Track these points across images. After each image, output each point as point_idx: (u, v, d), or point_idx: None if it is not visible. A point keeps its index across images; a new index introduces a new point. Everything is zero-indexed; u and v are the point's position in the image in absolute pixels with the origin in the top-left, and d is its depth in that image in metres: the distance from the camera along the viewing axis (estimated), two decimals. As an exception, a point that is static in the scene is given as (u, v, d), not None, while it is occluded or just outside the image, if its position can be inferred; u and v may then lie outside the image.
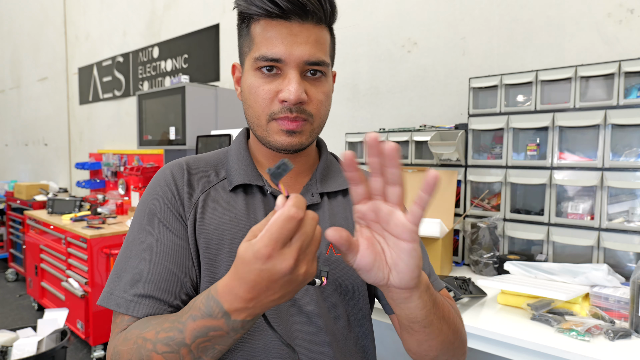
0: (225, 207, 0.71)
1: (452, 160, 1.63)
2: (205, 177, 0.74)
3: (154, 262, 0.66)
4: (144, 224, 0.69)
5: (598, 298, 1.12)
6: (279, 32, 0.66)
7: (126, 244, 0.70)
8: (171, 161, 0.76)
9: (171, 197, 0.70)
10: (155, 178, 0.74)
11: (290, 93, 0.65)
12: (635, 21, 1.42)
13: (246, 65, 0.71)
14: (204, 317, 0.53)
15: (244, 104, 0.72)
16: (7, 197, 4.61)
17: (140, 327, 0.61)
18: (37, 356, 1.95)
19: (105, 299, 0.66)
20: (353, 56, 2.20)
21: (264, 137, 0.71)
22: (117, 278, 0.67)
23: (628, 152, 1.33)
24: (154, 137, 2.78)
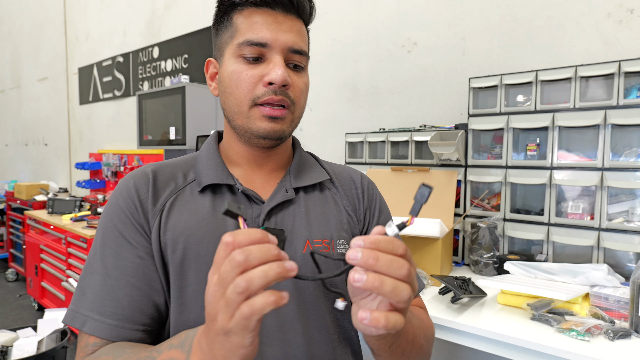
0: (192, 210, 0.69)
1: (452, 160, 1.63)
2: (173, 181, 0.72)
3: (116, 277, 0.64)
4: (105, 239, 0.67)
5: (598, 298, 1.12)
6: (264, 19, 0.67)
7: (89, 259, 0.67)
8: (132, 172, 0.73)
9: (132, 209, 0.67)
10: (117, 188, 0.71)
11: (277, 75, 0.65)
12: (635, 21, 1.42)
13: (226, 54, 0.70)
14: (177, 347, 0.52)
15: (223, 94, 0.71)
16: (7, 197, 4.61)
17: (112, 354, 0.58)
18: (37, 356, 1.95)
19: (70, 317, 0.64)
20: (353, 56, 2.20)
21: (244, 126, 0.69)
22: (82, 295, 0.64)
23: (628, 152, 1.33)
24: (154, 137, 2.78)
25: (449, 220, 1.51)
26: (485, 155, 1.61)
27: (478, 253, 1.48)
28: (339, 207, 0.78)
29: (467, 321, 1.09)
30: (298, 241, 0.70)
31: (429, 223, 1.35)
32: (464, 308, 1.18)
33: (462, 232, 1.63)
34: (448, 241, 1.48)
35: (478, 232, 1.49)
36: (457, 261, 1.64)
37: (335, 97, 2.30)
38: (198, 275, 0.65)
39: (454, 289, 1.15)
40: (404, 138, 1.76)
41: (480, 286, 1.25)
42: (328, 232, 0.73)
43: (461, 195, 1.64)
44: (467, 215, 1.61)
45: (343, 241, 0.74)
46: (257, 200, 0.71)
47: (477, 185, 1.65)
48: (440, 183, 1.60)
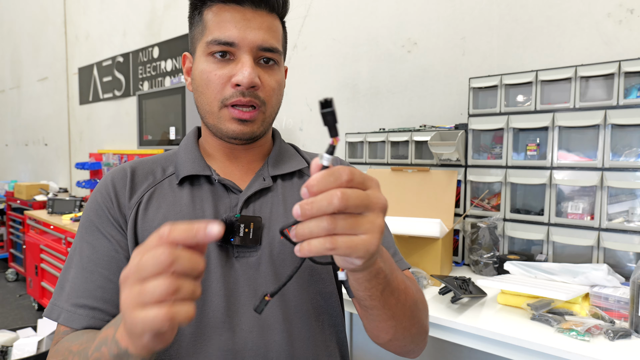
0: (171, 202, 0.69)
1: (452, 160, 1.63)
2: (151, 176, 0.73)
3: (90, 270, 0.65)
4: (82, 233, 0.69)
5: (598, 298, 1.12)
6: (232, 17, 0.66)
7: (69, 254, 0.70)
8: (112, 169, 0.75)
9: (109, 203, 0.69)
10: (97, 185, 0.73)
11: (243, 76, 0.64)
12: (635, 21, 1.42)
13: (198, 51, 0.69)
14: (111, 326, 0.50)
15: (195, 91, 0.71)
16: (7, 197, 4.61)
17: (71, 340, 0.60)
18: (37, 356, 1.95)
19: (49, 310, 0.66)
20: (353, 56, 2.20)
21: (215, 125, 0.69)
22: (61, 289, 0.67)
23: (628, 152, 1.33)
24: (154, 137, 2.78)
25: (449, 220, 1.51)
26: (485, 155, 1.61)
27: (478, 253, 1.48)
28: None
29: (467, 321, 1.09)
30: (275, 228, 0.70)
31: (429, 223, 1.35)
32: (464, 308, 1.18)
33: (462, 232, 1.63)
34: (448, 241, 1.48)
35: (478, 232, 1.49)
36: (457, 261, 1.64)
37: (335, 97, 2.30)
38: None
39: (454, 289, 1.15)
40: (404, 138, 1.76)
41: (480, 286, 1.25)
42: None
43: (461, 195, 1.64)
44: (467, 215, 1.61)
45: None
46: (235, 190, 0.71)
47: (477, 185, 1.65)
48: (440, 183, 1.60)
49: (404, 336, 0.65)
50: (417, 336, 0.68)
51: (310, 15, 2.37)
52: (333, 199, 0.38)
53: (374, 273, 0.52)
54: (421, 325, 0.68)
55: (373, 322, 0.62)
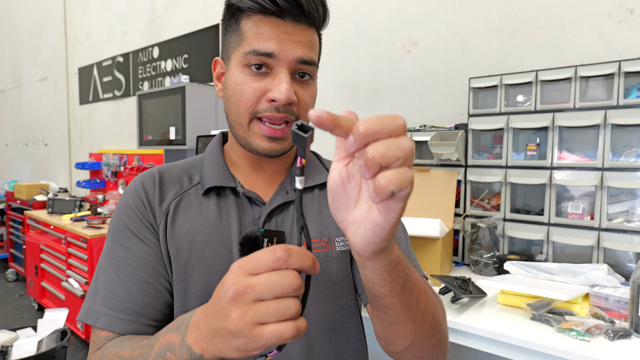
0: (197, 212, 0.69)
1: (452, 160, 1.63)
2: (178, 183, 0.72)
3: (129, 273, 0.65)
4: (116, 236, 0.68)
5: (598, 298, 1.12)
6: (273, 29, 0.64)
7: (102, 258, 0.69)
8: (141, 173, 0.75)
9: (141, 207, 0.69)
10: (127, 189, 0.72)
11: (281, 93, 0.63)
12: (635, 21, 1.42)
13: (233, 61, 0.68)
14: (174, 330, 0.51)
15: (227, 101, 0.69)
16: (7, 197, 4.61)
17: (118, 345, 0.59)
18: (37, 356, 1.95)
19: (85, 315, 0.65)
20: (353, 56, 2.20)
21: (244, 138, 0.68)
22: (95, 292, 0.66)
23: (628, 152, 1.33)
24: (154, 137, 2.78)
25: (449, 220, 1.51)
26: (485, 155, 1.61)
27: (478, 253, 1.48)
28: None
29: (467, 321, 1.09)
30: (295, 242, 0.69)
31: (429, 223, 1.35)
32: (464, 308, 1.18)
33: (462, 232, 1.63)
34: (448, 241, 1.48)
35: (478, 232, 1.49)
36: (457, 261, 1.64)
37: (335, 97, 2.30)
38: (202, 276, 0.66)
39: (454, 289, 1.15)
40: (404, 138, 1.76)
41: (480, 286, 1.25)
42: (326, 231, 0.73)
43: (461, 195, 1.64)
44: (467, 215, 1.61)
45: (342, 237, 0.73)
46: (259, 202, 0.71)
47: (477, 185, 1.65)
48: (440, 183, 1.60)
49: (422, 345, 0.60)
50: (437, 348, 0.63)
51: (310, 15, 2.37)
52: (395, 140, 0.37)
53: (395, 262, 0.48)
54: (442, 335, 0.63)
55: (390, 325, 0.56)
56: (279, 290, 0.40)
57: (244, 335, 0.40)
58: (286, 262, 0.40)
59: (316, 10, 0.65)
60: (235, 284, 0.41)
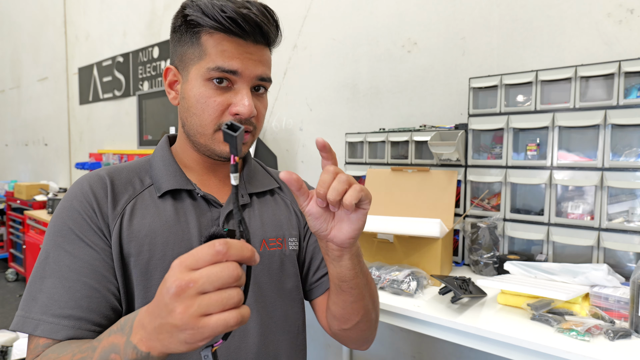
0: (155, 213, 0.71)
1: (452, 160, 1.63)
2: (130, 186, 0.74)
3: (73, 279, 0.64)
4: (59, 241, 0.67)
5: (598, 298, 1.12)
6: (236, 48, 0.69)
7: (39, 264, 0.67)
8: (87, 174, 0.74)
9: (90, 211, 0.68)
10: (71, 192, 0.71)
11: (244, 107, 0.69)
12: (635, 21, 1.42)
13: (192, 73, 0.71)
14: (117, 332, 0.52)
15: (186, 111, 0.73)
16: (7, 197, 4.61)
17: (58, 351, 0.58)
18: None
19: (20, 324, 0.62)
20: (353, 56, 2.20)
21: (207, 145, 0.73)
22: (32, 300, 0.63)
23: (628, 152, 1.33)
24: (154, 137, 2.78)
25: (449, 220, 1.51)
26: (485, 155, 1.61)
27: (478, 253, 1.48)
28: (288, 208, 0.87)
29: (467, 321, 1.09)
30: (255, 240, 0.77)
31: (429, 223, 1.35)
32: (464, 308, 1.18)
33: (462, 232, 1.63)
34: (448, 241, 1.48)
35: (478, 232, 1.49)
36: (457, 261, 1.64)
37: (335, 97, 2.30)
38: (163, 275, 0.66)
39: (454, 289, 1.15)
40: (404, 138, 1.76)
41: (480, 286, 1.25)
42: (281, 231, 0.82)
43: (461, 195, 1.64)
44: (467, 215, 1.61)
45: (293, 238, 0.84)
46: (216, 204, 0.76)
47: (477, 185, 1.65)
48: (440, 183, 1.60)
49: (367, 318, 0.76)
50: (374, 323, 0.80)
51: (310, 15, 2.37)
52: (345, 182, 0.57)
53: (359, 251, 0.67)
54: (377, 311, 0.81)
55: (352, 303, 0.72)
56: (220, 282, 0.42)
57: (189, 327, 0.42)
58: (225, 254, 0.43)
59: (273, 31, 0.72)
60: (177, 279, 0.43)
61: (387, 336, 2.08)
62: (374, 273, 1.37)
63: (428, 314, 1.15)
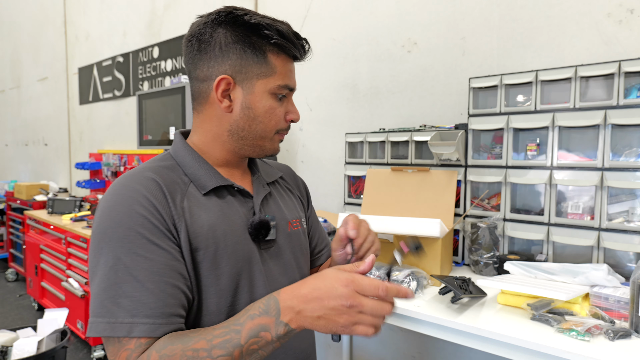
0: (208, 209, 0.78)
1: (452, 160, 1.63)
2: (177, 185, 0.77)
3: (154, 280, 0.66)
4: (129, 247, 0.67)
5: (598, 298, 1.12)
6: (293, 69, 0.85)
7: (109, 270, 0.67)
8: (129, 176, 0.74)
9: (156, 214, 0.70)
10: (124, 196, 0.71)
11: (297, 115, 0.86)
12: (635, 21, 1.42)
13: (259, 87, 0.80)
14: (262, 315, 0.63)
15: (252, 120, 0.81)
16: (7, 197, 4.61)
17: (181, 342, 0.63)
18: (37, 356, 1.95)
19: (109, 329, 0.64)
20: (353, 56, 2.20)
21: (263, 145, 0.85)
22: (115, 305, 0.65)
23: (628, 152, 1.33)
24: (154, 137, 2.78)
25: (449, 220, 1.51)
26: (485, 155, 1.61)
27: (478, 253, 1.48)
28: (293, 194, 1.01)
29: (467, 321, 1.09)
30: (282, 223, 0.89)
31: (429, 223, 1.35)
32: (464, 308, 1.18)
33: (462, 232, 1.63)
34: (448, 241, 1.48)
35: (478, 232, 1.49)
36: (457, 261, 1.64)
37: (335, 97, 2.30)
38: (230, 262, 0.77)
39: (454, 289, 1.15)
40: (404, 138, 1.76)
41: (480, 286, 1.25)
42: (296, 213, 0.96)
43: (461, 195, 1.64)
44: (467, 215, 1.61)
45: (303, 219, 0.98)
46: (248, 195, 0.86)
47: (477, 185, 1.65)
48: (440, 183, 1.60)
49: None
50: None
51: (310, 15, 2.37)
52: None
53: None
54: None
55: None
56: (377, 314, 0.61)
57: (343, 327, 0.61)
58: (385, 296, 0.61)
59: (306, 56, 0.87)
60: (350, 298, 0.60)
61: (387, 336, 2.08)
62: (374, 273, 1.37)
63: (428, 314, 1.15)
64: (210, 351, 0.62)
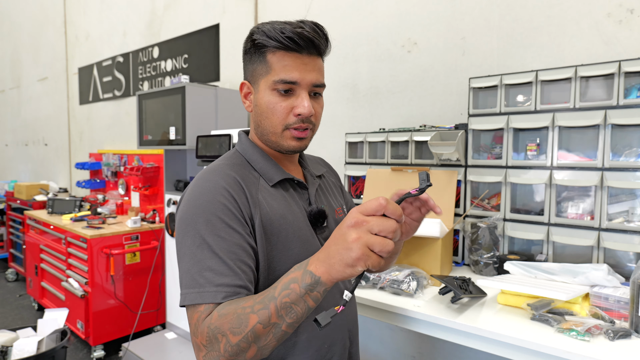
0: (277, 199, 0.89)
1: (452, 160, 1.63)
2: (250, 180, 0.88)
3: (232, 258, 0.78)
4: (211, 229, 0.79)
5: (598, 298, 1.12)
6: (294, 61, 0.85)
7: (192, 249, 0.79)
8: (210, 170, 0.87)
9: (235, 205, 0.82)
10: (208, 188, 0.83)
11: (304, 108, 0.85)
12: (635, 21, 1.42)
13: (262, 85, 0.88)
14: (294, 270, 0.68)
15: (259, 116, 0.90)
16: (7, 197, 4.61)
17: (236, 303, 0.72)
18: (37, 356, 1.95)
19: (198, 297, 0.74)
20: (353, 56, 2.20)
21: (276, 142, 0.90)
22: (200, 277, 0.76)
23: (628, 152, 1.33)
24: (154, 137, 2.78)
25: (449, 220, 1.51)
26: (485, 155, 1.61)
27: (478, 253, 1.48)
28: (335, 186, 1.10)
29: (467, 321, 1.09)
30: (331, 211, 0.99)
31: (429, 223, 1.35)
32: (464, 308, 1.18)
33: (462, 232, 1.63)
34: (448, 241, 1.48)
35: (478, 232, 1.49)
36: (457, 261, 1.64)
37: (335, 97, 2.30)
38: (298, 244, 0.87)
39: (454, 289, 1.15)
40: (404, 138, 1.76)
41: (480, 286, 1.25)
42: (340, 201, 1.06)
43: (461, 195, 1.64)
44: (467, 215, 1.61)
45: (345, 207, 1.07)
46: (304, 187, 0.96)
47: (477, 185, 1.65)
48: (440, 183, 1.60)
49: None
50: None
51: (310, 15, 2.37)
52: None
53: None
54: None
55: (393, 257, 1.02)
56: (384, 228, 0.60)
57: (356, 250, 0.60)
58: (385, 207, 0.61)
59: (323, 43, 0.87)
60: (355, 217, 0.62)
61: (387, 336, 2.08)
62: (374, 273, 1.37)
63: (428, 314, 1.15)
64: (253, 307, 0.69)
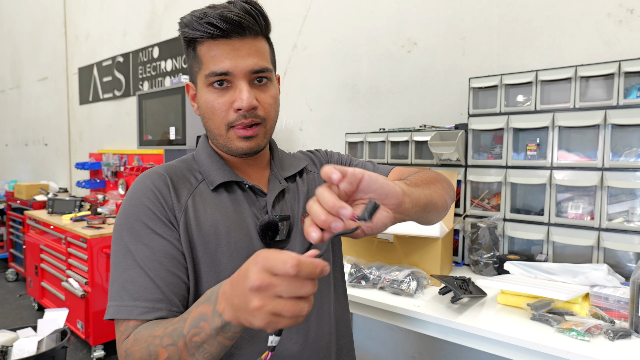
0: (214, 205, 0.78)
1: (452, 160, 1.63)
2: (187, 181, 0.80)
3: (155, 268, 0.70)
4: (135, 236, 0.72)
5: (598, 298, 1.12)
6: (223, 49, 0.73)
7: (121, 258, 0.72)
8: (146, 172, 0.80)
9: (159, 207, 0.74)
10: (136, 190, 0.76)
11: (242, 101, 0.73)
12: (635, 21, 1.42)
13: (199, 83, 0.78)
14: (205, 302, 0.58)
15: (203, 117, 0.79)
16: (7, 197, 4.61)
17: (150, 328, 0.65)
18: (37, 356, 1.95)
19: (115, 312, 0.69)
20: (353, 56, 2.20)
21: (225, 145, 0.79)
22: (122, 290, 0.70)
23: (628, 152, 1.33)
24: (154, 137, 2.78)
25: (449, 220, 1.51)
26: (485, 155, 1.61)
27: (478, 253, 1.48)
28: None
29: (467, 321, 1.09)
30: (299, 221, 0.84)
31: (429, 223, 1.35)
32: (464, 308, 1.18)
33: (462, 232, 1.63)
34: (448, 241, 1.48)
35: (478, 232, 1.49)
36: (457, 261, 1.64)
37: (335, 97, 2.30)
38: (231, 260, 0.76)
39: (454, 289, 1.15)
40: (404, 138, 1.76)
41: (480, 286, 1.25)
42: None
43: (461, 195, 1.64)
44: (467, 215, 1.61)
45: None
46: (261, 193, 0.82)
47: (477, 185, 1.65)
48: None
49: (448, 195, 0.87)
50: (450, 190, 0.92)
51: (310, 15, 2.37)
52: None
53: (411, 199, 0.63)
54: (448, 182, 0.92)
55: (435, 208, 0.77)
56: (296, 294, 0.47)
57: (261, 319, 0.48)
58: (297, 273, 0.46)
59: (255, 22, 0.74)
60: (259, 279, 0.47)
61: (387, 336, 2.08)
62: (374, 273, 1.37)
63: (428, 314, 1.15)
64: (162, 339, 0.61)
